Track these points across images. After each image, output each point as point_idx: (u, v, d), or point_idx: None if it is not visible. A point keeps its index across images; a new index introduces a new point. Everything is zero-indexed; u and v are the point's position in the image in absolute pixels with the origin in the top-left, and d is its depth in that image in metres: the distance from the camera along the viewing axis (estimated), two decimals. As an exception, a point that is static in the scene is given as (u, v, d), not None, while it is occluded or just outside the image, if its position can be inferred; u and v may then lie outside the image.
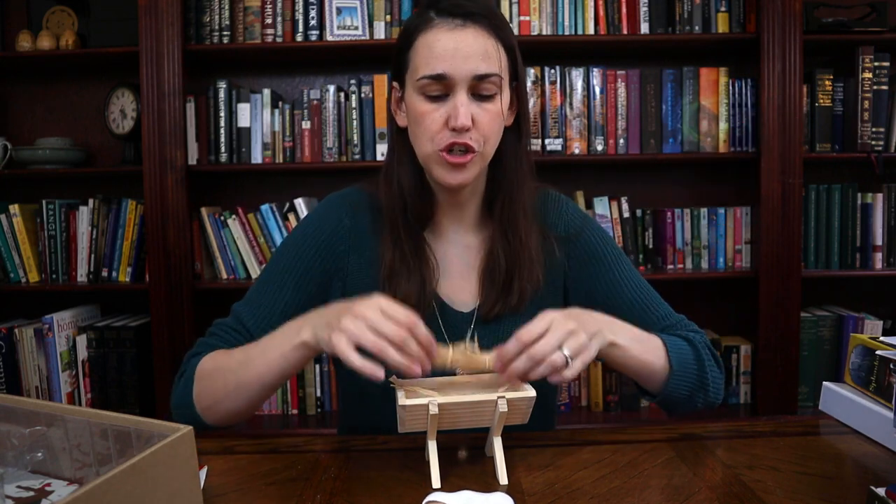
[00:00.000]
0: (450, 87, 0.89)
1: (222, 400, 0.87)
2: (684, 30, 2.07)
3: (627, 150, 2.11)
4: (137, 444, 0.57)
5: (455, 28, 0.90)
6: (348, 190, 1.04)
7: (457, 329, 0.97)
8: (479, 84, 0.89)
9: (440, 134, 0.90)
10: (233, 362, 0.87)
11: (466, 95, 0.89)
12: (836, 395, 0.91)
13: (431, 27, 0.91)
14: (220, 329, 0.97)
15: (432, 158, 0.92)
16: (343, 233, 0.99)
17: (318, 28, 2.07)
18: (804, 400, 2.11)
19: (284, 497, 0.69)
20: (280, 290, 0.96)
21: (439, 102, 0.90)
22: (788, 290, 2.03)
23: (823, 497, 0.67)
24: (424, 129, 0.91)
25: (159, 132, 2.01)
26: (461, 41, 0.89)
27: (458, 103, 0.89)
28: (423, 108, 0.91)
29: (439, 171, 0.92)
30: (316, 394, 2.18)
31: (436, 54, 0.89)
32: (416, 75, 0.91)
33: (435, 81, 0.89)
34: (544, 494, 0.69)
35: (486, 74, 0.89)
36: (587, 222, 1.04)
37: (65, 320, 2.10)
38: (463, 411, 0.72)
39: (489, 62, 0.89)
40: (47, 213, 2.13)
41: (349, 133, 2.11)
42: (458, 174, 0.91)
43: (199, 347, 0.95)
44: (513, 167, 0.98)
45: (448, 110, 0.89)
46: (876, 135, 2.05)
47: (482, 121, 0.90)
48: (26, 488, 0.62)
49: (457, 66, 0.88)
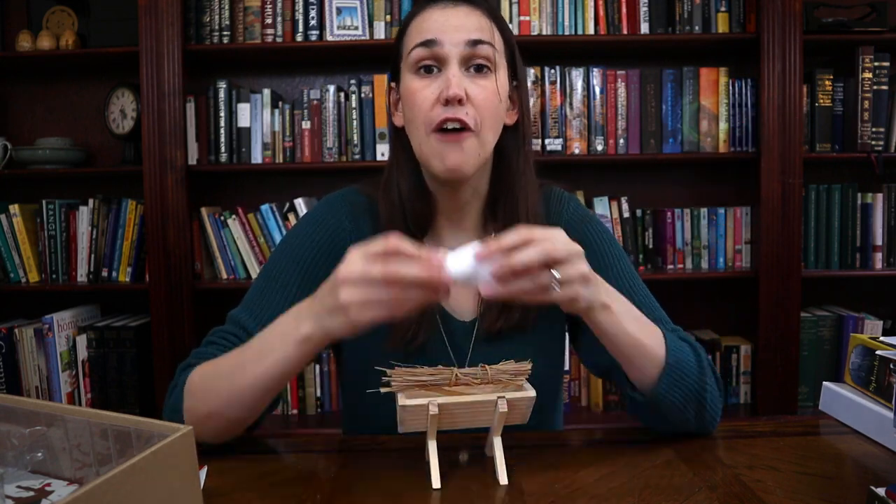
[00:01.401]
0: (442, 60, 0.87)
1: (216, 413, 0.80)
2: (684, 30, 2.07)
3: (627, 150, 2.11)
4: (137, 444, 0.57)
5: (447, 6, 0.89)
6: (345, 191, 1.01)
7: (459, 340, 0.93)
8: (472, 54, 0.87)
9: (432, 111, 0.86)
10: (224, 369, 0.81)
11: (459, 68, 0.87)
12: (836, 395, 0.91)
13: (423, 10, 0.90)
14: (218, 337, 0.90)
15: (426, 145, 0.88)
16: (344, 235, 0.95)
17: (318, 28, 2.07)
18: (804, 400, 2.11)
19: (284, 497, 0.69)
20: (284, 290, 0.90)
21: (431, 78, 0.88)
22: (788, 290, 2.03)
23: (823, 497, 0.67)
24: (417, 109, 0.87)
25: (159, 132, 2.01)
26: (452, 16, 0.88)
27: (449, 74, 0.86)
28: (415, 86, 0.88)
29: (435, 158, 0.87)
30: (316, 394, 2.18)
31: (426, 27, 0.88)
32: (408, 50, 0.89)
33: (425, 49, 0.87)
34: (544, 494, 0.68)
35: (479, 40, 0.87)
36: (588, 221, 1.00)
37: (65, 320, 2.10)
38: (463, 411, 0.72)
39: (483, 33, 0.88)
40: (47, 213, 2.13)
41: (349, 133, 2.11)
42: (453, 154, 0.86)
43: (192, 358, 0.88)
44: (516, 169, 0.94)
45: (440, 85, 0.87)
46: (876, 135, 2.05)
47: (477, 96, 0.86)
48: (26, 488, 0.62)
49: (448, 34, 0.87)
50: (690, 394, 0.82)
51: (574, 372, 2.19)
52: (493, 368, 0.72)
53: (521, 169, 0.94)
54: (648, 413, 0.85)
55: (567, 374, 2.17)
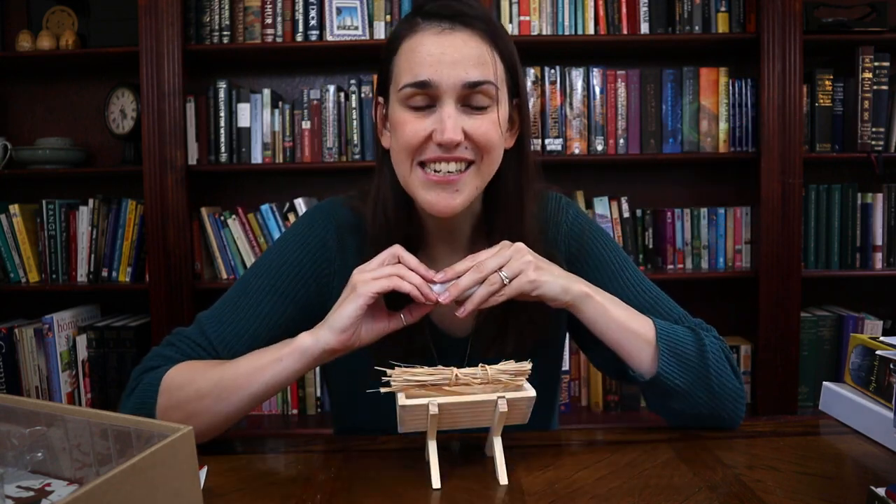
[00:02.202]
0: (435, 98, 0.79)
1: (194, 414, 0.78)
2: (684, 30, 2.07)
3: (627, 150, 2.11)
4: (137, 444, 0.57)
5: (442, 31, 0.80)
6: (328, 204, 0.95)
7: (451, 356, 0.90)
8: (470, 94, 0.79)
9: (425, 146, 0.80)
10: (214, 372, 0.80)
11: (455, 106, 0.79)
12: (836, 395, 0.91)
13: (416, 32, 0.81)
14: (179, 340, 0.87)
15: (415, 179, 0.82)
16: (329, 255, 0.91)
17: (318, 28, 2.07)
18: (804, 400, 2.11)
19: (284, 497, 0.69)
20: (254, 310, 0.88)
21: (424, 113, 0.80)
22: (788, 290, 2.03)
23: (823, 497, 0.67)
24: (405, 143, 0.80)
25: (159, 132, 2.01)
26: (448, 45, 0.79)
27: (444, 115, 0.78)
28: (405, 118, 0.80)
29: (422, 195, 0.82)
30: (316, 394, 2.17)
31: (419, 60, 0.79)
32: (398, 85, 0.81)
33: (418, 90, 0.79)
34: (544, 494, 0.68)
35: (478, 82, 0.79)
36: (587, 230, 0.96)
37: (65, 320, 2.10)
38: (463, 411, 0.72)
39: (482, 69, 0.79)
40: (47, 213, 2.13)
41: (349, 133, 2.11)
42: (445, 198, 0.81)
43: (154, 361, 0.85)
44: (513, 187, 0.87)
45: (434, 122, 0.79)
46: (876, 135, 2.05)
47: (476, 131, 0.80)
48: (26, 488, 0.62)
49: (442, 72, 0.78)
50: (695, 376, 0.83)
51: (574, 372, 2.19)
52: (492, 368, 0.72)
53: (520, 187, 0.88)
54: (661, 402, 0.86)
55: (567, 374, 2.17)
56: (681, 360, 0.83)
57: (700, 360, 0.84)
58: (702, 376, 0.83)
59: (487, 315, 0.88)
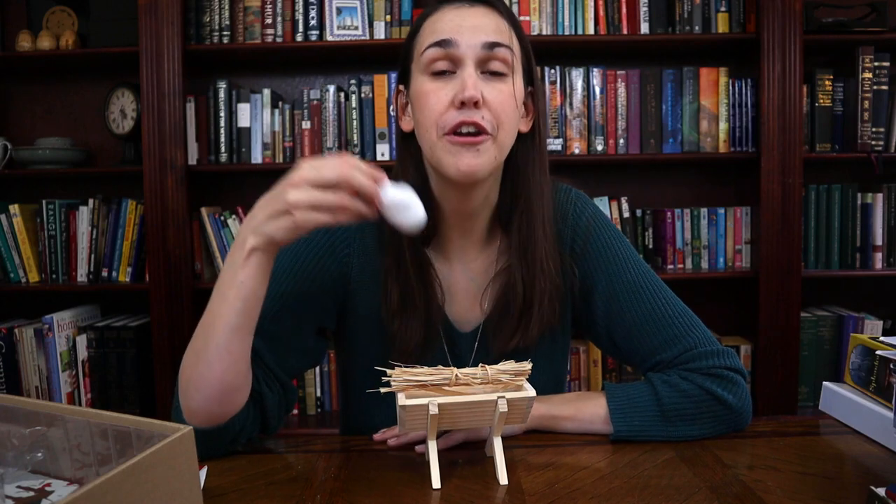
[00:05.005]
0: (457, 62, 0.83)
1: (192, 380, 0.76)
2: (684, 30, 2.07)
3: (627, 151, 2.11)
4: (137, 444, 0.57)
5: (462, 6, 0.86)
6: None
7: (460, 349, 0.94)
8: (489, 57, 0.83)
9: (446, 114, 0.82)
10: (195, 335, 0.78)
11: (475, 69, 0.83)
12: (836, 395, 0.91)
13: (437, 10, 0.87)
14: None
15: (438, 149, 0.83)
16: (349, 241, 0.92)
17: (318, 28, 2.07)
18: (804, 400, 2.11)
19: (284, 497, 0.69)
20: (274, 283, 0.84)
21: (445, 79, 0.83)
22: (788, 290, 2.03)
23: (823, 497, 0.67)
24: (429, 111, 0.83)
25: (159, 132, 2.01)
26: (469, 16, 0.84)
27: (465, 76, 0.82)
28: (428, 87, 0.84)
29: (447, 160, 0.82)
30: (316, 394, 2.18)
31: (440, 27, 0.84)
32: (420, 50, 0.85)
33: (439, 49, 0.83)
34: (544, 494, 0.68)
35: (496, 43, 0.83)
36: (595, 224, 0.95)
37: (65, 320, 2.10)
38: (463, 411, 0.72)
39: (500, 35, 0.84)
40: (47, 213, 2.13)
41: (349, 133, 2.11)
42: (468, 158, 0.81)
43: None
44: (529, 178, 0.90)
45: (455, 87, 0.82)
46: (876, 135, 2.05)
47: (494, 100, 0.82)
48: (26, 488, 0.62)
49: (464, 34, 0.83)
50: (658, 423, 0.84)
51: (574, 372, 2.19)
52: (493, 368, 0.72)
53: (535, 178, 0.90)
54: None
55: (567, 374, 2.17)
56: (642, 416, 0.84)
57: (661, 414, 0.84)
58: (674, 424, 0.84)
59: (497, 315, 0.91)
